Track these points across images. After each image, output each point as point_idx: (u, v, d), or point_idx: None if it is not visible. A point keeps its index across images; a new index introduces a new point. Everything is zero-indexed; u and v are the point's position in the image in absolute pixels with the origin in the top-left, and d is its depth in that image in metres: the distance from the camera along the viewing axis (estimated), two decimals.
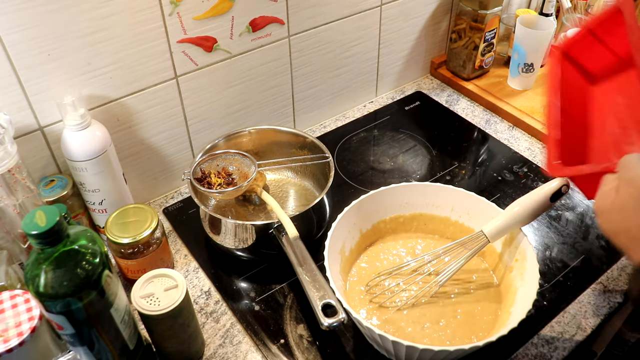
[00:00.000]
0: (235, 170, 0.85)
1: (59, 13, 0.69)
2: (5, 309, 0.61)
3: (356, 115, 1.15)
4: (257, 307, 0.78)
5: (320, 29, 0.99)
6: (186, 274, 0.83)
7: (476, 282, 0.75)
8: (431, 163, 1.02)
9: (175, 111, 0.89)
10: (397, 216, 0.81)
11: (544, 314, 0.76)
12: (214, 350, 0.73)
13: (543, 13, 1.15)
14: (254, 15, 0.88)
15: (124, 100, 0.82)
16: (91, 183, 0.77)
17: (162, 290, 0.64)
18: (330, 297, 0.66)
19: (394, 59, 1.17)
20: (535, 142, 1.06)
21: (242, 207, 0.89)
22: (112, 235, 0.73)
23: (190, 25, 0.82)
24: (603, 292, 0.80)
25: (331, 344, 0.73)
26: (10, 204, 0.67)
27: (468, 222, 0.79)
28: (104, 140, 0.75)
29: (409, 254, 0.79)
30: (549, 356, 0.72)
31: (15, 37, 0.68)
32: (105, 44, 0.75)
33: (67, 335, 0.56)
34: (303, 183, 0.95)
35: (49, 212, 0.49)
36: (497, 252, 0.76)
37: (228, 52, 0.89)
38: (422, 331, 0.70)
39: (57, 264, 0.51)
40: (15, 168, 0.67)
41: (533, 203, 0.70)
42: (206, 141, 0.93)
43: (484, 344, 0.60)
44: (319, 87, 1.07)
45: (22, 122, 0.74)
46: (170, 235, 0.89)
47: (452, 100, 1.19)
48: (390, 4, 1.07)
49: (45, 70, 0.72)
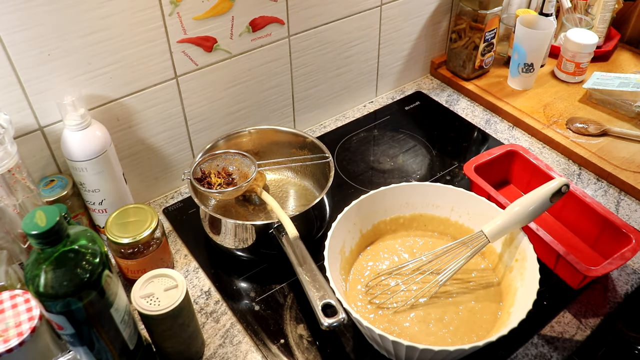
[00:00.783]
0: (235, 170, 0.85)
1: (59, 13, 0.69)
2: (5, 309, 0.61)
3: (356, 115, 1.15)
4: (257, 307, 0.78)
5: (320, 29, 0.99)
6: (186, 274, 0.83)
7: (476, 282, 0.75)
8: (431, 163, 1.03)
9: (175, 111, 0.89)
10: (397, 217, 0.81)
11: (544, 314, 0.76)
12: (214, 350, 0.73)
13: (543, 13, 1.15)
14: (254, 15, 0.88)
15: (124, 100, 0.82)
16: (91, 183, 0.77)
17: (162, 290, 0.64)
18: (330, 297, 0.66)
19: (394, 59, 1.17)
20: (535, 141, 1.06)
21: (242, 207, 0.89)
22: (112, 235, 0.73)
23: (190, 25, 0.82)
24: (603, 292, 0.80)
25: (331, 344, 0.73)
26: (10, 204, 0.67)
27: (468, 223, 0.79)
28: (104, 140, 0.75)
29: (409, 253, 0.79)
30: (549, 356, 0.72)
31: (15, 37, 0.68)
32: (105, 44, 0.75)
33: (67, 335, 0.56)
34: (303, 183, 0.95)
35: (49, 212, 0.49)
36: (497, 252, 0.76)
37: (228, 52, 0.89)
38: (422, 331, 0.69)
39: (57, 264, 0.51)
40: (15, 168, 0.67)
41: (533, 203, 0.70)
42: (206, 141, 0.93)
43: (484, 344, 0.60)
44: (319, 87, 1.07)
45: (22, 122, 0.74)
46: (170, 235, 0.89)
47: (452, 100, 1.19)
48: (390, 4, 1.07)
49: (46, 70, 0.72)
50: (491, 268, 0.77)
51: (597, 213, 0.81)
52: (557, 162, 1.02)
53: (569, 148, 1.01)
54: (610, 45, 1.25)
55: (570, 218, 0.87)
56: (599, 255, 0.82)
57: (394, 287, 0.74)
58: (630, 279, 0.81)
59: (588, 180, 0.97)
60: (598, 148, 1.01)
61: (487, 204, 0.76)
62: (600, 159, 0.98)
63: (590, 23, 1.19)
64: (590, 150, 1.00)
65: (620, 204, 0.93)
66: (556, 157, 1.03)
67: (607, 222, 0.80)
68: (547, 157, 1.03)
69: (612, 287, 0.80)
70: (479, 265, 0.77)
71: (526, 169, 0.92)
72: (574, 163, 1.01)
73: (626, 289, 0.80)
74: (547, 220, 0.89)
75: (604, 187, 0.96)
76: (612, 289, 0.80)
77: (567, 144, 1.02)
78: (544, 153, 1.04)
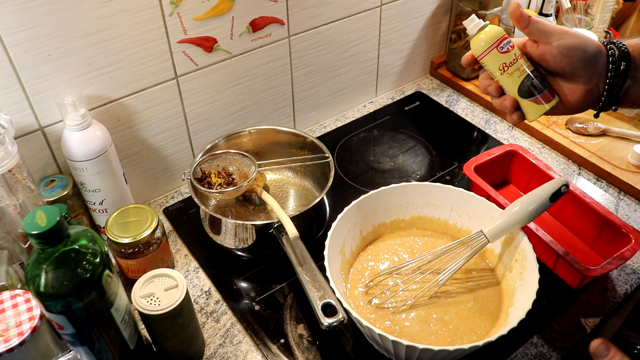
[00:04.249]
0: (235, 170, 0.85)
1: (60, 13, 0.69)
2: (6, 309, 0.61)
3: (356, 116, 1.16)
4: (257, 307, 0.78)
5: (320, 29, 0.99)
6: (186, 273, 0.83)
7: (476, 281, 0.75)
8: (431, 163, 1.03)
9: (176, 111, 0.89)
10: (397, 220, 0.82)
11: (544, 313, 0.76)
12: (214, 350, 0.73)
13: (543, 13, 1.15)
14: (254, 16, 0.88)
15: (124, 100, 0.82)
16: (91, 183, 0.77)
17: (162, 290, 0.64)
18: (330, 297, 0.67)
19: (393, 59, 1.17)
20: (535, 142, 1.06)
21: (242, 207, 0.89)
22: (113, 235, 0.73)
23: (190, 25, 0.82)
24: (602, 292, 0.80)
25: (331, 343, 0.73)
26: (10, 204, 0.67)
27: (468, 223, 0.79)
28: (105, 140, 0.75)
29: (409, 253, 0.79)
30: (548, 356, 0.72)
31: (16, 38, 0.68)
32: (105, 44, 0.75)
33: (67, 335, 0.56)
34: (303, 183, 0.95)
35: (49, 212, 0.49)
36: (496, 252, 0.76)
37: (228, 52, 0.89)
38: (423, 330, 0.70)
39: (57, 263, 0.51)
40: (16, 168, 0.67)
41: (532, 203, 0.70)
42: (206, 141, 0.93)
43: (484, 344, 0.60)
44: (319, 87, 1.07)
45: (22, 122, 0.74)
46: (171, 235, 0.89)
47: (452, 101, 1.19)
48: (390, 4, 1.07)
49: (46, 71, 0.72)
50: (491, 268, 0.77)
51: (597, 213, 0.81)
52: (556, 162, 1.02)
53: (569, 148, 1.01)
54: None
55: (570, 218, 0.87)
56: (598, 255, 0.83)
57: (393, 287, 0.74)
58: (629, 279, 0.81)
59: (587, 180, 0.98)
60: (597, 148, 1.01)
61: (487, 204, 0.76)
62: (599, 159, 0.98)
63: (590, 23, 1.19)
64: (590, 150, 1.00)
65: (619, 203, 0.93)
66: (556, 157, 1.03)
67: (607, 222, 0.80)
68: (546, 157, 1.03)
69: (611, 287, 0.80)
70: (479, 265, 0.77)
71: (526, 169, 0.92)
72: (574, 163, 1.01)
73: (626, 289, 0.80)
74: (546, 220, 0.89)
75: (603, 187, 0.96)
76: (612, 289, 0.80)
77: (566, 144, 1.02)
78: (543, 153, 1.04)
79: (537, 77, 0.60)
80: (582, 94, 0.59)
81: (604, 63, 0.58)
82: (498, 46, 0.60)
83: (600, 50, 0.58)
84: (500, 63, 0.60)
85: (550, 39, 0.58)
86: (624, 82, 0.59)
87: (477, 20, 0.61)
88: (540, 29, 0.58)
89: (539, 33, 0.59)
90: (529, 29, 0.59)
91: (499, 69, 0.61)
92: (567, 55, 0.57)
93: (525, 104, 0.62)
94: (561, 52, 0.57)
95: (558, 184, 0.70)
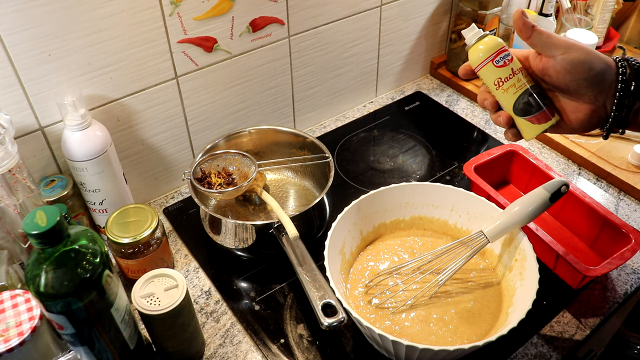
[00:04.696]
0: (235, 170, 0.85)
1: (60, 13, 0.69)
2: (6, 309, 0.61)
3: (356, 116, 1.16)
4: (257, 307, 0.78)
5: (320, 29, 0.99)
6: (186, 273, 0.83)
7: (476, 281, 0.75)
8: (431, 163, 1.03)
9: (176, 111, 0.89)
10: (397, 220, 0.82)
11: (544, 313, 0.76)
12: (214, 350, 0.73)
13: (543, 13, 1.15)
14: (254, 16, 0.88)
15: (124, 100, 0.82)
16: (91, 183, 0.77)
17: (162, 290, 0.64)
18: (330, 297, 0.67)
19: (393, 59, 1.17)
20: (534, 142, 1.06)
21: (242, 207, 0.89)
22: (113, 235, 0.73)
23: (190, 25, 0.82)
24: (602, 292, 0.80)
25: (331, 343, 0.73)
26: (10, 204, 0.67)
27: (468, 223, 0.79)
28: (105, 140, 0.75)
29: (409, 253, 0.79)
30: (548, 356, 0.72)
31: (16, 38, 0.68)
32: (105, 44, 0.75)
33: (67, 335, 0.56)
34: (303, 183, 0.95)
35: (49, 212, 0.49)
36: (496, 252, 0.76)
37: (228, 52, 0.89)
38: (423, 330, 0.70)
39: (57, 263, 0.51)
40: (16, 168, 0.67)
41: (532, 203, 0.70)
42: (206, 141, 0.93)
43: (484, 344, 0.60)
44: (319, 87, 1.07)
45: (22, 122, 0.74)
46: (171, 235, 0.89)
47: (452, 101, 1.19)
48: (390, 4, 1.07)
49: (46, 71, 0.72)
50: (491, 268, 0.77)
51: (597, 213, 0.81)
52: (556, 162, 1.02)
53: (569, 148, 1.01)
54: (610, 45, 1.25)
55: (570, 218, 0.87)
56: (598, 255, 0.83)
57: (393, 287, 0.74)
58: (629, 279, 0.81)
59: (587, 180, 0.98)
60: (597, 148, 1.01)
61: (487, 204, 0.76)
62: (599, 159, 0.98)
63: (590, 23, 1.19)
64: (590, 150, 1.00)
65: (619, 203, 0.93)
66: (556, 157, 1.03)
67: (607, 222, 0.80)
68: (546, 157, 1.03)
69: (611, 287, 0.80)
70: (479, 265, 0.77)
71: (526, 169, 0.92)
72: (574, 163, 1.01)
73: (626, 289, 0.80)
74: (546, 220, 0.89)
75: (603, 187, 0.96)
76: (612, 289, 0.80)
77: (566, 144, 1.02)
78: (543, 153, 1.04)
79: (535, 94, 0.56)
80: (587, 113, 0.55)
81: (612, 81, 0.54)
82: (494, 60, 0.57)
83: (608, 67, 0.54)
84: (496, 78, 0.57)
85: (554, 53, 0.54)
86: (634, 104, 0.54)
87: (476, 30, 0.58)
88: (543, 41, 0.54)
89: (542, 45, 0.55)
90: (532, 40, 0.55)
91: (494, 84, 0.58)
92: (571, 71, 0.53)
93: (521, 122, 0.58)
94: (565, 67, 0.53)
95: (558, 184, 0.70)
